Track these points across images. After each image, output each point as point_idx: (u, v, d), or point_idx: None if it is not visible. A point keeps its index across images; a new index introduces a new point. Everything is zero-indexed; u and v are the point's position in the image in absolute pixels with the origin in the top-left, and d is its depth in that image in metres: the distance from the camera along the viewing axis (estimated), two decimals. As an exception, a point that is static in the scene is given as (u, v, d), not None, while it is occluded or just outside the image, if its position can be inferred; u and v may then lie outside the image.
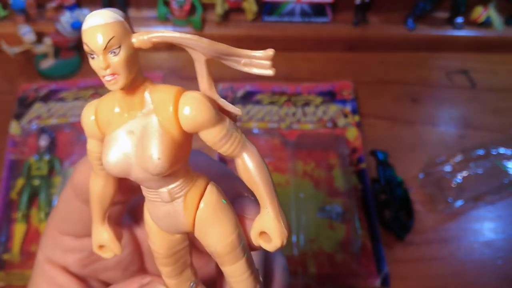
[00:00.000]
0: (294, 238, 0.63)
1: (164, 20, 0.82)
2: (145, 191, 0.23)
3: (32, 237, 0.63)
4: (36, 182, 0.66)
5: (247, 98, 0.76)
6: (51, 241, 0.31)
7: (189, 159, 0.23)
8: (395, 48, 0.85)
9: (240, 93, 0.76)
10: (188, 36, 0.21)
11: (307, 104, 0.76)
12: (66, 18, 0.75)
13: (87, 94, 0.75)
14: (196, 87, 0.24)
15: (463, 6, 0.83)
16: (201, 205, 0.23)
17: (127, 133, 0.22)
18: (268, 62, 0.22)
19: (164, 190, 0.22)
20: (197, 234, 0.23)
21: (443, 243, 0.65)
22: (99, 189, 0.25)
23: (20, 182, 0.66)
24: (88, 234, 0.27)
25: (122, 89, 0.21)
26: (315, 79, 0.80)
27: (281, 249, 0.25)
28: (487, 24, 0.84)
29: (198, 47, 0.22)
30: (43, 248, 0.33)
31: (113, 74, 0.20)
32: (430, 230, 0.66)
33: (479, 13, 0.83)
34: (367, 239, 0.64)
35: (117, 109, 0.22)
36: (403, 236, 0.65)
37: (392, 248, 0.64)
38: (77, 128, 0.72)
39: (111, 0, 0.81)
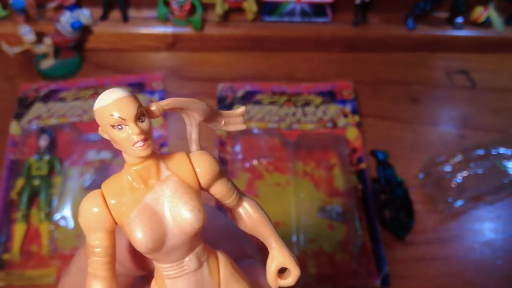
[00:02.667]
0: (294, 238, 0.63)
1: (164, 20, 0.82)
2: (166, 270, 0.23)
3: (32, 237, 0.63)
4: (36, 182, 0.66)
5: (247, 98, 0.76)
6: None
7: None
8: (395, 48, 0.85)
9: (240, 93, 0.76)
10: (192, 99, 0.24)
11: (307, 104, 0.76)
12: (66, 18, 0.75)
13: (87, 94, 0.75)
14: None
15: (463, 6, 0.83)
16: (221, 266, 0.24)
17: (153, 201, 0.22)
18: (241, 119, 0.26)
19: (191, 256, 0.23)
20: None
21: (443, 243, 0.65)
22: None
23: (20, 182, 0.66)
24: None
25: (147, 156, 0.22)
26: (315, 79, 0.80)
27: None
28: (487, 24, 0.84)
29: (199, 110, 0.24)
30: None
31: (145, 139, 0.22)
32: (430, 230, 0.66)
33: (479, 13, 0.83)
34: (367, 239, 0.64)
35: (134, 184, 0.23)
36: (403, 236, 0.65)
37: (392, 248, 0.64)
38: (77, 128, 0.72)
39: (111, 0, 0.81)
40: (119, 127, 0.21)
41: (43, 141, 0.69)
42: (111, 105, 0.21)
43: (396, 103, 0.79)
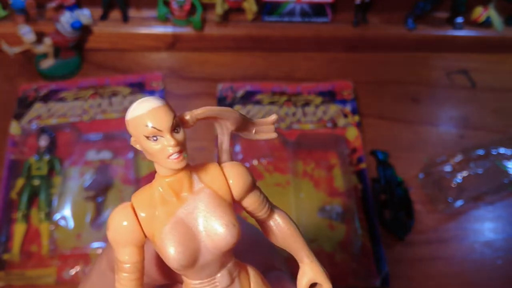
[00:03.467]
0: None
1: (164, 20, 0.82)
2: (197, 287, 0.23)
3: (32, 237, 0.63)
4: (36, 182, 0.66)
5: (247, 98, 0.76)
6: None
7: None
8: (395, 48, 0.85)
9: (240, 93, 0.76)
10: (225, 108, 0.23)
11: (307, 104, 0.76)
12: (66, 18, 0.75)
13: (87, 94, 0.75)
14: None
15: (463, 6, 0.83)
16: (252, 281, 0.24)
17: (187, 216, 0.22)
18: (272, 127, 0.25)
19: (223, 272, 0.23)
20: None
21: (443, 243, 0.65)
22: None
23: (20, 182, 0.66)
24: None
25: (180, 169, 0.21)
26: (315, 79, 0.80)
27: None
28: (487, 24, 0.84)
29: (232, 118, 0.23)
30: None
31: (180, 151, 0.21)
32: (430, 230, 0.66)
33: (479, 13, 0.83)
34: (367, 239, 0.64)
35: (166, 197, 0.22)
36: (403, 236, 0.65)
37: (392, 248, 0.64)
38: (77, 128, 0.72)
39: (111, 0, 0.81)
40: (154, 138, 0.20)
41: (43, 141, 0.69)
42: (146, 115, 0.20)
43: (396, 103, 0.79)
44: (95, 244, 0.62)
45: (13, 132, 0.71)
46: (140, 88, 0.76)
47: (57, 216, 0.64)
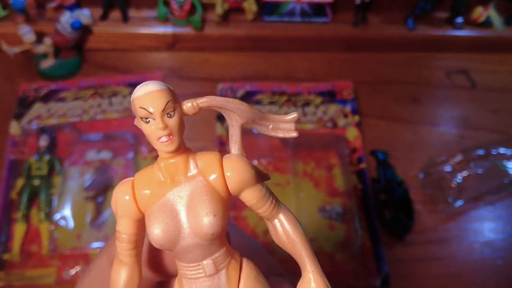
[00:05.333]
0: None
1: (164, 20, 0.82)
2: (183, 269, 0.23)
3: (32, 237, 0.63)
4: (36, 182, 0.66)
5: (247, 98, 0.76)
6: None
7: None
8: (395, 48, 0.85)
9: (240, 93, 0.76)
10: (231, 99, 0.23)
11: (307, 104, 0.76)
12: (66, 18, 0.75)
13: (87, 94, 0.75)
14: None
15: (463, 6, 0.83)
16: (242, 279, 0.23)
17: (175, 198, 0.22)
18: (293, 125, 0.24)
19: (208, 261, 0.23)
20: None
21: (443, 243, 0.65)
22: (124, 279, 0.24)
23: (20, 182, 0.66)
24: None
25: (173, 151, 0.22)
26: (315, 79, 0.80)
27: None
28: (487, 24, 0.84)
29: (239, 111, 0.23)
30: None
31: (169, 135, 0.22)
32: (430, 230, 0.66)
33: (479, 13, 0.83)
34: (367, 239, 0.64)
35: (161, 178, 0.23)
36: (403, 236, 0.65)
37: (392, 248, 0.64)
38: (77, 128, 0.72)
39: (111, 0, 0.81)
40: (147, 120, 0.22)
41: (43, 141, 0.69)
42: (142, 97, 0.22)
43: (396, 103, 0.79)
44: (95, 244, 0.62)
45: (13, 132, 0.71)
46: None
47: (57, 216, 0.64)
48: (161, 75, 0.78)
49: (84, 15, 0.77)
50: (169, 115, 0.22)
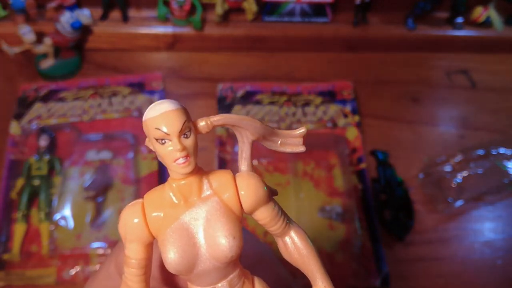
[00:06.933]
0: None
1: (164, 20, 0.82)
2: None
3: (32, 237, 0.63)
4: (36, 182, 0.66)
5: (247, 98, 0.76)
6: None
7: None
8: (395, 48, 0.85)
9: (240, 93, 0.76)
10: (245, 117, 0.23)
11: (307, 104, 0.76)
12: (66, 18, 0.75)
13: (87, 94, 0.75)
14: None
15: (463, 6, 0.83)
16: None
17: (190, 221, 0.22)
18: (301, 140, 0.24)
19: (224, 283, 0.22)
20: None
21: (443, 243, 0.65)
22: None
23: (20, 182, 0.66)
24: None
25: (189, 173, 0.21)
26: (315, 79, 0.80)
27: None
28: (487, 24, 0.84)
29: (252, 128, 0.23)
30: None
31: (186, 156, 0.21)
32: (430, 230, 0.66)
33: (479, 13, 0.83)
34: (367, 239, 0.64)
35: (174, 199, 0.22)
36: (403, 236, 0.65)
37: (392, 248, 0.64)
38: (77, 128, 0.72)
39: (111, 0, 0.81)
40: (163, 141, 0.21)
41: (43, 141, 0.69)
42: (157, 118, 0.21)
43: (396, 103, 0.79)
44: (95, 244, 0.62)
45: (13, 132, 0.71)
46: (140, 88, 0.76)
47: (57, 216, 0.64)
48: (161, 75, 0.78)
49: (84, 15, 0.77)
50: (185, 136, 0.21)
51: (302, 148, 0.24)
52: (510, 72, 0.84)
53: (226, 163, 0.69)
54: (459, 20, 0.84)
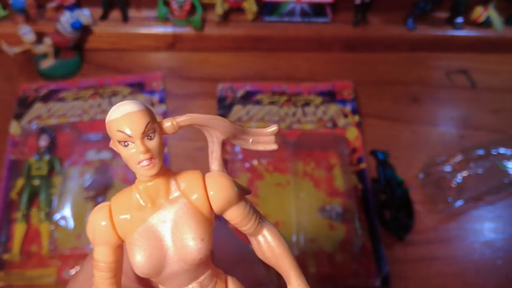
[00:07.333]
0: (294, 238, 0.63)
1: (164, 20, 0.82)
2: None
3: (32, 237, 0.63)
4: (36, 182, 0.66)
5: (247, 98, 0.76)
6: None
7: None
8: (395, 48, 0.85)
9: (240, 93, 0.76)
10: (213, 116, 0.22)
11: (307, 104, 0.76)
12: (66, 18, 0.75)
13: (87, 94, 0.75)
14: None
15: (463, 6, 0.83)
16: None
17: (158, 223, 0.21)
18: (273, 138, 0.23)
19: (194, 284, 0.22)
20: None
21: (443, 243, 0.65)
22: None
23: (20, 182, 0.66)
24: None
25: (154, 175, 0.21)
26: (315, 79, 0.80)
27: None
28: (487, 24, 0.84)
29: (221, 127, 0.22)
30: None
31: (150, 158, 0.20)
32: (430, 230, 0.66)
33: (479, 13, 0.83)
34: (367, 239, 0.64)
35: (141, 202, 0.21)
36: (403, 236, 0.65)
37: (392, 248, 0.64)
38: (77, 128, 0.72)
39: (111, 0, 0.81)
40: (125, 143, 0.20)
41: (43, 141, 0.69)
42: (119, 119, 0.20)
43: (396, 103, 0.79)
44: (95, 244, 0.62)
45: (13, 132, 0.71)
46: (140, 88, 0.76)
47: (57, 216, 0.64)
48: (161, 75, 0.78)
49: (84, 15, 0.77)
50: (149, 137, 0.20)
51: (274, 146, 0.24)
52: (510, 72, 0.84)
53: (226, 163, 0.69)
54: (459, 20, 0.84)
